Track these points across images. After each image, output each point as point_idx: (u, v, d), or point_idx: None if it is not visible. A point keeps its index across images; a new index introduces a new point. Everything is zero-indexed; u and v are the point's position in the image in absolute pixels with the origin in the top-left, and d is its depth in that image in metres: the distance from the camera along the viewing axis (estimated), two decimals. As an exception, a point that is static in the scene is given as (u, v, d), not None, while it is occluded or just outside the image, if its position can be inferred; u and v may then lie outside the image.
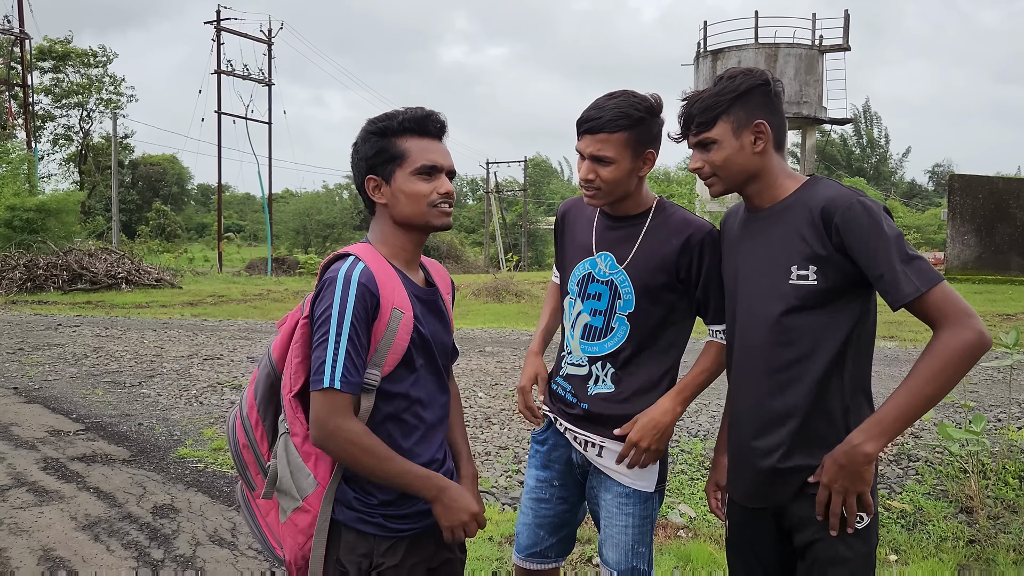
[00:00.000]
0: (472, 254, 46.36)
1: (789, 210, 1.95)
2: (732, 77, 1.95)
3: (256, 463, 1.91)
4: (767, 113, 1.95)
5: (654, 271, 2.23)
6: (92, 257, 22.32)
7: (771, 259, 1.95)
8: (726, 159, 1.96)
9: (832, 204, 1.84)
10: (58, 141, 48.03)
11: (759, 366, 1.97)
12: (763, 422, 1.96)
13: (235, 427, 1.95)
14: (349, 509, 1.85)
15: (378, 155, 1.89)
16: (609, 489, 2.29)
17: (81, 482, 4.94)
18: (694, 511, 4.58)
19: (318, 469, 1.83)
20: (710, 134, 1.95)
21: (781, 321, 1.91)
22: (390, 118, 1.90)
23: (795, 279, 1.90)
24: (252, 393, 1.93)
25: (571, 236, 2.43)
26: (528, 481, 2.48)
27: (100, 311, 16.24)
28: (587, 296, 2.32)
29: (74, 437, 6.01)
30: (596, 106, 2.17)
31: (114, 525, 4.24)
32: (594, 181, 2.20)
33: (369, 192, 1.92)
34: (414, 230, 1.94)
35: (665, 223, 2.26)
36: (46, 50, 42.20)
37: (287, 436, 1.84)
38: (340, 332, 1.73)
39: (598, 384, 2.29)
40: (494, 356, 10.01)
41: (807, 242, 1.88)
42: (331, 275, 1.80)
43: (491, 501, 4.73)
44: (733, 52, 26.26)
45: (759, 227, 2.01)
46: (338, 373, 1.72)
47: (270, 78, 37.74)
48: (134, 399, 7.33)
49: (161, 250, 40.52)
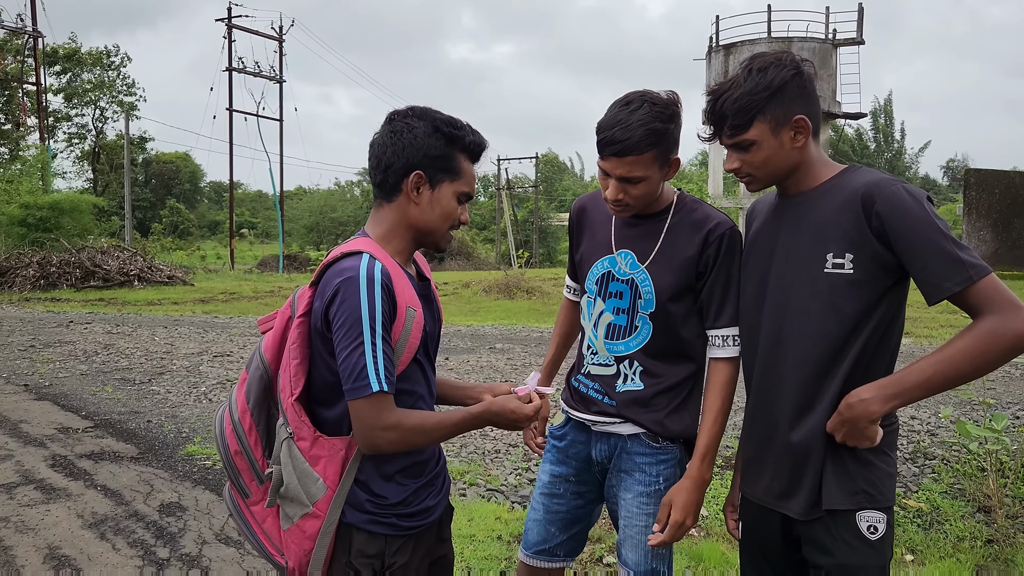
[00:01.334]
0: (483, 251, 46.34)
1: (826, 195, 1.87)
2: (763, 70, 1.83)
3: (251, 469, 1.86)
4: (804, 105, 1.85)
5: (677, 270, 2.17)
6: (105, 255, 22.41)
7: (805, 245, 1.87)
8: (765, 159, 1.87)
9: (874, 189, 1.76)
10: (72, 140, 48.34)
11: (790, 357, 1.89)
12: (792, 414, 1.89)
13: (225, 432, 1.88)
14: (361, 512, 1.81)
15: (440, 159, 1.84)
16: (629, 488, 2.24)
17: (88, 480, 4.93)
18: (706, 510, 4.52)
19: (327, 473, 1.78)
20: (747, 136, 1.85)
21: (813, 311, 1.84)
22: (461, 129, 1.86)
23: (830, 267, 1.82)
24: (243, 397, 1.86)
25: (589, 233, 2.36)
26: (542, 477, 2.42)
27: (112, 308, 16.31)
28: (608, 295, 2.26)
29: (83, 434, 6.00)
30: (619, 123, 2.03)
31: (120, 523, 4.22)
32: (623, 199, 2.13)
33: (408, 185, 1.84)
34: (420, 239, 1.91)
35: (687, 219, 2.20)
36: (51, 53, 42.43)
37: (290, 440, 1.79)
38: (374, 333, 1.69)
39: (627, 382, 2.23)
40: (504, 353, 9.97)
41: (844, 228, 1.80)
42: (350, 274, 1.72)
43: (500, 499, 4.68)
44: (746, 46, 26.05)
45: (794, 212, 1.93)
46: (383, 376, 1.68)
47: (281, 75, 37.85)
48: (143, 396, 7.32)
49: (174, 247, 40.78)
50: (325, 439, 1.79)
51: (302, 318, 1.80)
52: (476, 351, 10.11)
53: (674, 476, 2.23)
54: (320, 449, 1.78)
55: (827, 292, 1.82)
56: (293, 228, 54.61)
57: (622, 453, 2.26)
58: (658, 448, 2.22)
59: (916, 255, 1.71)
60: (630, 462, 2.24)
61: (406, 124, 1.84)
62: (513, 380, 8.10)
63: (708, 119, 1.91)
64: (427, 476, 1.91)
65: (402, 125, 1.84)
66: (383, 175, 1.85)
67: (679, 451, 2.25)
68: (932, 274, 1.69)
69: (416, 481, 1.88)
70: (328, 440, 1.79)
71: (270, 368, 1.85)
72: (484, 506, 4.51)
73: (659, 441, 2.21)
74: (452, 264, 36.31)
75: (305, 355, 1.80)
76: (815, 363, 1.84)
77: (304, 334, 1.80)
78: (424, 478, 1.90)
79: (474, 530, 4.13)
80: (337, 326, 1.70)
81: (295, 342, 1.79)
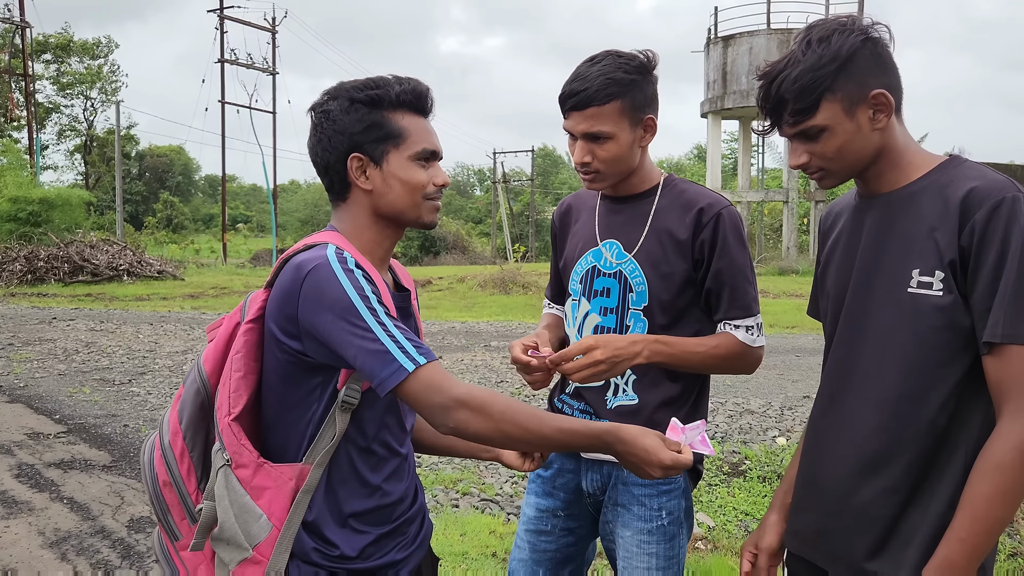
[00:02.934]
0: (479, 244, 46.00)
1: (918, 196, 1.51)
2: (824, 39, 1.47)
3: (181, 505, 1.53)
4: (881, 75, 1.49)
5: (669, 256, 1.89)
6: (94, 249, 22.03)
7: (888, 257, 1.53)
8: (841, 147, 1.50)
9: (978, 194, 1.41)
10: (63, 133, 47.88)
11: (864, 392, 1.55)
12: (865, 461, 1.54)
13: (153, 459, 1.55)
14: (306, 563, 1.48)
15: (369, 130, 1.52)
16: (628, 525, 1.93)
17: (55, 491, 4.61)
18: (713, 520, 4.26)
19: (272, 508, 1.46)
20: (815, 121, 1.48)
21: (894, 340, 1.50)
22: (382, 86, 1.53)
23: (915, 287, 1.47)
24: (176, 416, 1.54)
25: (572, 231, 2.09)
26: (526, 511, 2.10)
27: (99, 304, 15.97)
28: (593, 293, 1.97)
29: (54, 440, 5.68)
30: (578, 76, 1.83)
31: (85, 541, 3.90)
32: (591, 163, 1.86)
33: (351, 174, 1.54)
34: (396, 225, 1.59)
35: (677, 199, 1.93)
36: (42, 43, 42.01)
37: (227, 469, 1.46)
38: (374, 312, 1.39)
39: (618, 395, 1.93)
40: (499, 351, 9.67)
41: (936, 241, 1.45)
42: (317, 262, 1.42)
43: (495, 511, 4.41)
44: (745, 38, 25.72)
45: (877, 216, 1.57)
46: (411, 350, 1.38)
47: (274, 67, 37.42)
48: (122, 398, 7.01)
49: (167, 241, 40.41)
50: (270, 467, 1.47)
51: (251, 324, 1.49)
52: (470, 349, 9.82)
53: (678, 509, 1.93)
54: (264, 478, 1.46)
55: (911, 317, 1.48)
56: (287, 222, 54.28)
57: (617, 483, 1.95)
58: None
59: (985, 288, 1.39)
60: (627, 494, 1.94)
61: (323, 113, 1.56)
62: (509, 380, 7.80)
63: (763, 106, 1.54)
64: (395, 521, 1.58)
65: (319, 116, 1.56)
66: (327, 177, 1.58)
67: (683, 479, 1.95)
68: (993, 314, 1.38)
69: (378, 528, 1.55)
70: (274, 468, 1.47)
71: (209, 382, 1.53)
72: (478, 519, 4.24)
73: None
74: (447, 258, 36.03)
75: (252, 367, 1.49)
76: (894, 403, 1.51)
77: (252, 342, 1.49)
78: (389, 524, 1.57)
79: (467, 547, 3.85)
80: (326, 324, 1.39)
81: (239, 351, 1.48)
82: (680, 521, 1.95)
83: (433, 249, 37.79)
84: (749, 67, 24.86)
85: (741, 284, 1.89)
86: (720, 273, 1.87)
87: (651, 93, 1.87)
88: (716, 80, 26.28)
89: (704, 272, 1.89)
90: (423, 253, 37.57)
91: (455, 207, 62.75)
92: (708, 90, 26.87)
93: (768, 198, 28.81)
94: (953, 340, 1.44)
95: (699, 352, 1.87)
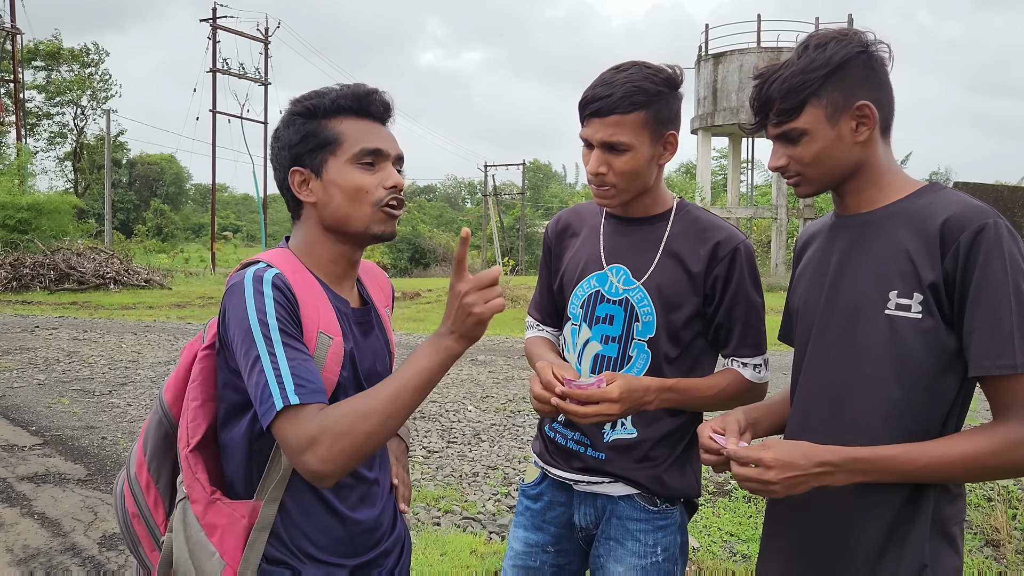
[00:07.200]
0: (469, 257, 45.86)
1: (896, 218, 1.49)
2: (821, 45, 1.47)
3: (150, 537, 1.48)
4: (871, 89, 1.48)
5: (680, 286, 1.80)
6: (80, 256, 21.84)
7: (863, 278, 1.49)
8: (819, 153, 1.49)
9: (961, 219, 1.39)
10: (53, 139, 47.63)
11: (839, 414, 1.51)
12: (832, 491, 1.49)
13: (122, 492, 1.52)
14: None
15: (305, 141, 1.46)
16: (621, 560, 1.85)
17: (27, 506, 4.51)
18: (697, 541, 4.21)
19: (225, 546, 1.40)
20: (797, 123, 1.49)
21: (868, 361, 1.47)
22: (320, 95, 1.48)
23: (893, 308, 1.44)
24: (141, 447, 1.50)
25: (571, 251, 1.98)
26: (514, 545, 2.01)
27: (84, 312, 15.80)
28: (595, 320, 1.87)
29: (28, 453, 5.56)
30: (604, 82, 1.74)
31: (54, 559, 3.80)
32: (606, 175, 1.76)
33: (294, 188, 1.48)
34: (349, 238, 1.50)
35: (691, 227, 1.84)
36: (33, 50, 41.88)
37: (185, 503, 1.42)
38: (268, 340, 1.30)
39: (616, 428, 1.85)
40: (486, 366, 9.60)
41: (914, 262, 1.42)
42: (235, 281, 1.38)
43: (477, 529, 4.33)
44: (735, 55, 25.89)
45: (853, 235, 1.55)
46: (288, 386, 1.27)
47: (266, 77, 37.38)
48: (101, 409, 6.89)
49: (157, 250, 40.12)
50: (223, 503, 1.41)
51: (207, 350, 1.44)
52: (456, 364, 9.73)
53: (674, 545, 1.86)
54: (216, 515, 1.40)
55: (888, 338, 1.44)
56: (277, 232, 53.93)
57: (612, 518, 1.88)
58: (656, 512, 1.84)
59: (976, 313, 1.37)
60: (621, 529, 1.86)
61: (274, 136, 1.52)
62: (495, 395, 7.74)
63: (753, 105, 1.54)
64: (370, 552, 1.52)
65: (272, 140, 1.52)
66: (284, 197, 1.53)
67: (679, 514, 1.88)
68: (978, 341, 1.36)
69: (352, 560, 1.49)
70: (227, 504, 1.41)
71: (171, 412, 1.48)
72: (459, 538, 4.16)
73: (657, 503, 1.84)
74: (437, 270, 35.94)
75: (209, 395, 1.44)
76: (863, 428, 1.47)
77: (209, 369, 1.44)
78: (364, 555, 1.51)
79: (446, 567, 3.77)
80: (236, 347, 1.34)
81: (196, 379, 1.44)
82: (676, 558, 1.88)
83: (423, 261, 37.71)
84: (739, 84, 25.01)
85: (754, 322, 1.84)
86: (733, 309, 1.81)
87: (676, 109, 1.79)
88: (706, 97, 26.41)
89: (715, 307, 1.82)
90: (413, 265, 37.49)
91: (446, 219, 62.70)
92: (698, 107, 26.98)
93: (757, 215, 28.89)
94: (933, 363, 1.42)
95: (708, 396, 1.81)
